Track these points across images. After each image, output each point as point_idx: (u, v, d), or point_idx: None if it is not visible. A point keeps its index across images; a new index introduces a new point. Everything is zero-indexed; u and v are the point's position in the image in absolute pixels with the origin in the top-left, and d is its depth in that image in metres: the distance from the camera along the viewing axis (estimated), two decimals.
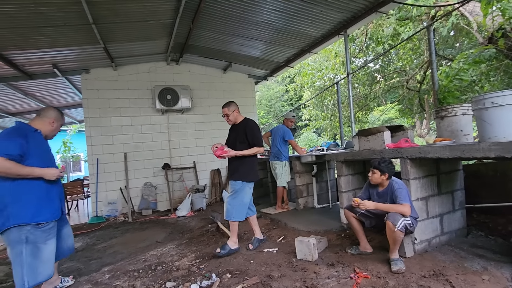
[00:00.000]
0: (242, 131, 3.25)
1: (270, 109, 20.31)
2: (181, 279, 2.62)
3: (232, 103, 3.35)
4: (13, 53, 4.41)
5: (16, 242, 2.07)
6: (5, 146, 2.04)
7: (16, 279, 2.08)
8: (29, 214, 2.10)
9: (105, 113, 5.82)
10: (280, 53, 6.13)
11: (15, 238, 2.07)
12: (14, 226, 2.06)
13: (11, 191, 2.09)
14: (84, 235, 4.71)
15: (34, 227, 2.12)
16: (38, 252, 2.14)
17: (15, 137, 2.11)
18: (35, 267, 2.11)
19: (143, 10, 4.02)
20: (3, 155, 1.99)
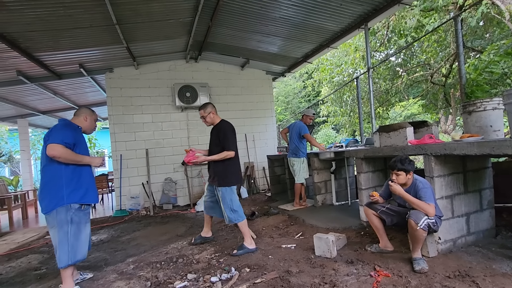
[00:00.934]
0: (217, 134, 3.22)
1: (287, 105, 20.17)
2: (201, 271, 2.69)
3: (209, 104, 3.30)
4: (44, 55, 4.66)
5: (64, 222, 2.38)
6: (62, 135, 2.38)
7: (62, 256, 2.37)
8: (78, 195, 2.45)
9: (128, 110, 6.03)
10: (298, 49, 6.07)
11: (63, 218, 2.38)
12: (63, 206, 2.37)
13: (65, 174, 2.41)
14: (109, 227, 4.93)
15: (78, 209, 2.45)
16: (79, 233, 2.47)
17: (69, 129, 2.48)
18: (76, 246, 2.43)
19: (163, 10, 4.12)
20: (62, 143, 2.33)
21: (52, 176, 2.40)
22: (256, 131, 7.13)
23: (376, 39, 8.97)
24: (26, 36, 3.92)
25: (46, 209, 2.39)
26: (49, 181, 2.40)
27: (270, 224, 4.10)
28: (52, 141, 2.32)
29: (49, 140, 2.34)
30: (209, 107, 3.29)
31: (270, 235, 3.59)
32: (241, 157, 6.79)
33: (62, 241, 2.38)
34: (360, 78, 5.94)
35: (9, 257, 3.76)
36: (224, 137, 3.12)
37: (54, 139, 2.33)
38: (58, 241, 2.38)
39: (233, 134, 3.22)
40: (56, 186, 2.39)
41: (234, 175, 3.21)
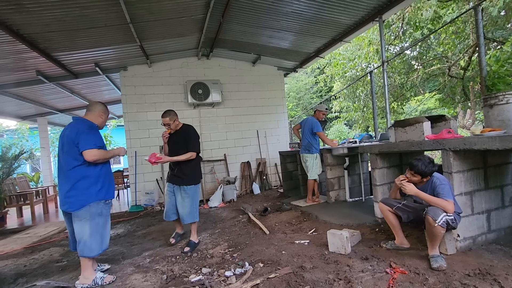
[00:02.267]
0: (182, 137, 3.35)
1: (299, 101, 20.01)
2: (215, 266, 2.73)
3: (172, 111, 3.33)
4: (61, 54, 4.79)
5: (97, 214, 2.58)
6: (93, 139, 2.55)
7: (93, 245, 2.54)
8: (104, 192, 2.66)
9: (142, 108, 6.14)
10: (310, 44, 6.00)
11: (96, 211, 2.57)
12: (95, 202, 2.56)
13: (93, 173, 2.59)
14: (125, 222, 5.07)
15: (105, 203, 2.65)
16: (106, 224, 2.68)
17: (95, 132, 2.64)
18: (104, 236, 2.65)
19: (175, 7, 4.14)
20: (96, 147, 2.54)
21: (82, 176, 2.54)
22: (267, 127, 7.11)
23: (391, 32, 8.74)
24: (45, 37, 4.04)
25: (77, 206, 2.51)
26: (80, 180, 2.53)
27: (283, 220, 4.10)
28: (87, 147, 2.48)
29: (81, 145, 2.47)
30: (173, 113, 3.33)
31: (283, 231, 3.59)
32: (252, 153, 6.91)
33: (94, 232, 2.55)
34: (374, 72, 5.81)
35: (32, 250, 3.93)
36: (189, 139, 3.32)
37: (88, 145, 2.49)
38: (90, 233, 2.53)
39: (197, 136, 3.43)
40: (87, 184, 2.55)
41: (199, 174, 3.50)
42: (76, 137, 2.49)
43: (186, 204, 3.35)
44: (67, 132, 2.57)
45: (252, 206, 5.02)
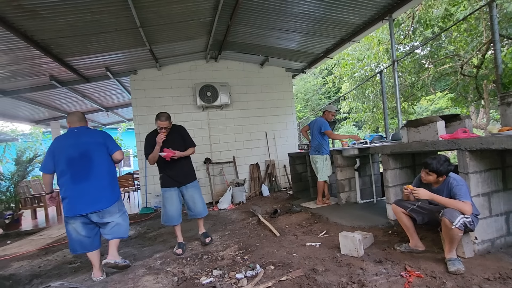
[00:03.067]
0: (179, 135, 3.42)
1: (307, 102, 19.91)
2: (226, 268, 2.72)
3: (168, 114, 3.31)
4: (73, 59, 4.89)
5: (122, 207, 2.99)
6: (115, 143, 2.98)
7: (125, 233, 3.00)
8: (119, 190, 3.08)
9: (151, 111, 6.19)
10: (318, 44, 5.96)
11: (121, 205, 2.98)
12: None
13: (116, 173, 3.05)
14: (136, 224, 5.11)
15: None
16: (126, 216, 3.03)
17: None
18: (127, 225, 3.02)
19: (184, 11, 4.18)
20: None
21: (115, 176, 2.97)
22: (276, 129, 7.09)
23: (401, 30, 8.62)
24: (58, 42, 4.13)
25: (111, 202, 2.82)
26: (113, 179, 2.93)
27: (293, 222, 4.06)
28: (117, 148, 2.90)
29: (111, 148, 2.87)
30: (169, 116, 3.32)
31: (294, 233, 3.56)
32: (261, 155, 6.89)
33: (124, 221, 2.96)
34: (384, 72, 5.72)
35: (46, 251, 4.00)
36: (185, 137, 3.46)
37: (117, 147, 2.91)
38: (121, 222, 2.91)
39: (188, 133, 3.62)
40: (116, 183, 2.97)
41: None
42: (105, 142, 2.84)
43: (198, 198, 3.47)
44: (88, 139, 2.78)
45: (262, 208, 5.00)
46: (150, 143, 3.27)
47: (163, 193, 3.40)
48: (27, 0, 3.02)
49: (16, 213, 5.64)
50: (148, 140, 3.31)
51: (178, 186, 3.39)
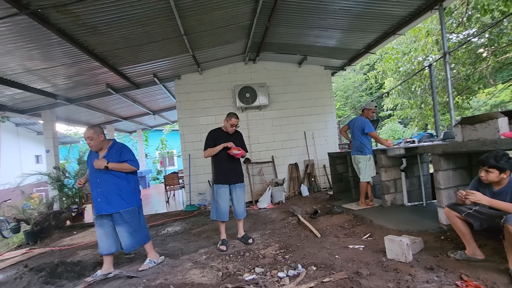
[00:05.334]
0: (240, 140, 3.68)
1: (346, 100, 19.23)
2: (268, 266, 2.78)
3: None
4: (126, 68, 5.36)
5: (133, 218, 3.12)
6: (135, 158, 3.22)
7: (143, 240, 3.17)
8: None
9: (194, 113, 6.54)
10: (359, 40, 5.74)
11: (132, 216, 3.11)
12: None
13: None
14: (182, 220, 5.42)
15: None
16: None
17: None
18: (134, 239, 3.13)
19: (224, 16, 4.34)
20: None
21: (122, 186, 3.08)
22: (315, 128, 6.99)
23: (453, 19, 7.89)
24: (113, 54, 4.57)
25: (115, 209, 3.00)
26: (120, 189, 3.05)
27: (334, 223, 3.99)
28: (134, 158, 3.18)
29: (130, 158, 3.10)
30: None
31: (335, 235, 3.49)
32: (300, 155, 6.85)
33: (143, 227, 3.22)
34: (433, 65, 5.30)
35: None
36: (243, 141, 3.75)
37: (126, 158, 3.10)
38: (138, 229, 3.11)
39: None
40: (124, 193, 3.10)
41: None
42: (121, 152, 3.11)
43: (242, 199, 3.64)
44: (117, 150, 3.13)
45: (302, 208, 4.98)
46: (212, 138, 3.60)
47: (216, 189, 3.59)
48: (89, 19, 3.41)
49: (80, 207, 6.35)
50: (211, 136, 3.64)
51: (229, 184, 3.58)
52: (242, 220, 3.76)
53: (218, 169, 3.60)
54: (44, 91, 5.48)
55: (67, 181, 6.57)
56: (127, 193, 3.08)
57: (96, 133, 3.01)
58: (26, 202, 6.16)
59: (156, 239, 4.28)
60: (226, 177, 3.57)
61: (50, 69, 4.63)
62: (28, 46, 3.76)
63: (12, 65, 4.22)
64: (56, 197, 6.22)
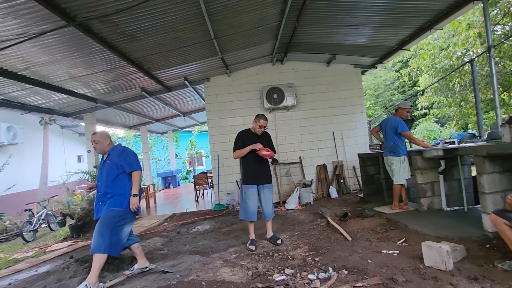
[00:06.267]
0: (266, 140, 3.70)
1: (377, 99, 18.49)
2: (297, 268, 2.77)
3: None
4: (159, 72, 5.62)
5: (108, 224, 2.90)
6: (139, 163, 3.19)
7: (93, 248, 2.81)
8: None
9: (223, 115, 6.67)
10: (391, 36, 5.51)
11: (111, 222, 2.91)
12: None
13: None
14: (211, 219, 5.56)
15: None
16: None
17: None
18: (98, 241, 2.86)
19: (253, 19, 4.39)
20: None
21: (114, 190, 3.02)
22: (344, 129, 6.81)
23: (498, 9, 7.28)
24: (148, 59, 4.81)
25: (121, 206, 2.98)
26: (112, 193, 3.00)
27: (365, 226, 3.86)
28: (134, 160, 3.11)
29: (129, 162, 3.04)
30: None
31: (367, 238, 3.38)
32: (328, 156, 6.72)
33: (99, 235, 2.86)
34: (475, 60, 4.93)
35: (140, 238, 4.62)
36: (271, 142, 3.78)
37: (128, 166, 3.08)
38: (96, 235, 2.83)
39: None
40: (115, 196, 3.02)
41: None
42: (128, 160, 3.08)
43: (270, 200, 3.66)
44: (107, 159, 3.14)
45: (331, 210, 4.88)
46: (241, 139, 3.67)
47: (245, 190, 3.65)
48: (127, 27, 3.62)
49: None
50: (240, 137, 3.71)
51: (257, 184, 3.62)
52: (270, 221, 3.77)
53: (246, 169, 3.65)
54: (86, 96, 5.91)
55: None
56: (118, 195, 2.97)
57: (102, 136, 3.09)
58: (70, 199, 6.68)
59: (187, 237, 4.43)
60: (255, 178, 3.62)
61: (91, 75, 4.98)
62: (73, 55, 4.08)
63: (59, 73, 4.60)
64: None
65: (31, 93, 5.14)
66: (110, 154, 3.08)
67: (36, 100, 5.58)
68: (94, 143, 3.09)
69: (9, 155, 7.12)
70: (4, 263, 4.12)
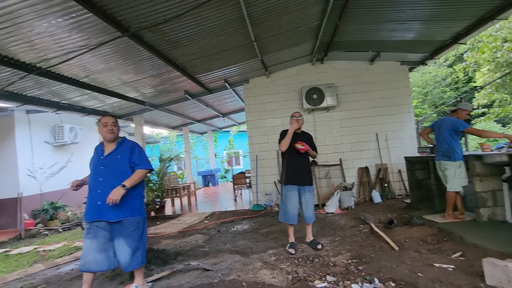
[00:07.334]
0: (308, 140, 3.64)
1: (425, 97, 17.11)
2: (340, 275, 2.68)
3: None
4: (201, 76, 5.85)
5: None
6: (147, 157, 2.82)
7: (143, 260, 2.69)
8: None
9: (261, 116, 6.72)
10: (445, 30, 5.06)
11: None
12: None
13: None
14: (249, 219, 5.63)
15: None
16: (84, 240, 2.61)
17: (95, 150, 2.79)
18: None
19: (293, 20, 4.35)
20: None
21: None
22: (389, 130, 6.43)
23: None
24: (192, 64, 5.03)
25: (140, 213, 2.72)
26: None
27: (414, 236, 3.60)
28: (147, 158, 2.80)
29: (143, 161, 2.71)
30: None
31: (416, 249, 3.16)
32: (371, 158, 6.42)
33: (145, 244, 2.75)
34: None
35: (183, 234, 4.92)
36: (313, 142, 3.70)
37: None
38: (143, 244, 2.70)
39: None
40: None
41: None
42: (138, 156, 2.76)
43: (311, 203, 3.59)
44: None
45: (374, 216, 4.65)
46: (284, 135, 3.62)
47: (285, 192, 3.60)
48: (174, 35, 3.83)
49: (162, 200, 7.17)
50: (283, 134, 3.66)
51: (298, 185, 3.56)
52: (310, 225, 3.70)
53: (287, 168, 3.59)
54: (135, 99, 6.37)
55: (152, 177, 7.50)
56: (133, 198, 2.61)
57: (118, 123, 2.74)
58: None
59: (227, 236, 4.55)
60: (295, 178, 3.55)
61: (140, 81, 5.35)
62: (125, 62, 4.42)
63: (113, 79, 5.02)
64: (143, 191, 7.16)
65: (89, 98, 5.69)
66: (118, 147, 2.68)
67: (93, 104, 6.16)
68: (112, 125, 2.65)
69: (71, 153, 7.94)
70: (67, 250, 4.61)
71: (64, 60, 3.75)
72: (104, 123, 2.64)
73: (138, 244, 2.62)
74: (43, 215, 6.55)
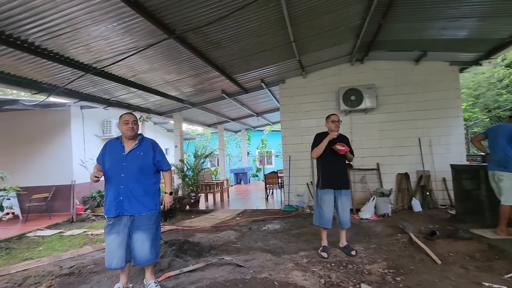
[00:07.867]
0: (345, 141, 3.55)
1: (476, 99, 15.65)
2: (375, 284, 2.59)
3: None
4: (238, 76, 5.97)
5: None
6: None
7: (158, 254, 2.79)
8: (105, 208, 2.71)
9: (296, 116, 6.67)
10: (504, 27, 4.60)
11: None
12: None
13: None
14: (280, 219, 5.63)
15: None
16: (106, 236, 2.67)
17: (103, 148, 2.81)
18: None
19: (335, 19, 4.26)
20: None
21: None
22: (433, 135, 6.02)
23: None
24: (230, 64, 5.16)
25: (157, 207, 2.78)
26: None
27: (459, 250, 3.35)
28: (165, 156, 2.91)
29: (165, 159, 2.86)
30: None
31: (462, 265, 2.93)
32: (412, 164, 6.09)
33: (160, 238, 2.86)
34: None
35: (216, 229, 5.07)
36: (349, 144, 3.61)
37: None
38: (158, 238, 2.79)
39: None
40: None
41: None
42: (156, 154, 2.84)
43: (347, 208, 3.50)
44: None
45: (413, 226, 4.40)
46: (319, 140, 3.58)
47: (321, 195, 3.54)
48: (215, 36, 3.96)
49: (197, 195, 7.46)
50: (318, 138, 3.63)
51: (335, 189, 3.49)
52: (345, 230, 3.61)
53: (324, 171, 3.53)
54: (176, 97, 6.70)
55: (187, 172, 7.83)
56: (152, 194, 2.74)
57: (138, 120, 2.79)
58: None
59: (258, 234, 4.61)
60: (332, 181, 3.48)
61: (181, 80, 5.61)
62: (168, 63, 4.67)
63: (157, 79, 5.32)
64: (180, 185, 7.50)
65: (134, 96, 6.10)
66: (140, 144, 2.75)
67: (138, 101, 6.59)
68: (133, 123, 2.69)
69: None
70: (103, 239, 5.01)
71: (116, 61, 4.06)
72: (125, 121, 2.69)
73: (157, 237, 2.74)
74: (92, 201, 7.17)
